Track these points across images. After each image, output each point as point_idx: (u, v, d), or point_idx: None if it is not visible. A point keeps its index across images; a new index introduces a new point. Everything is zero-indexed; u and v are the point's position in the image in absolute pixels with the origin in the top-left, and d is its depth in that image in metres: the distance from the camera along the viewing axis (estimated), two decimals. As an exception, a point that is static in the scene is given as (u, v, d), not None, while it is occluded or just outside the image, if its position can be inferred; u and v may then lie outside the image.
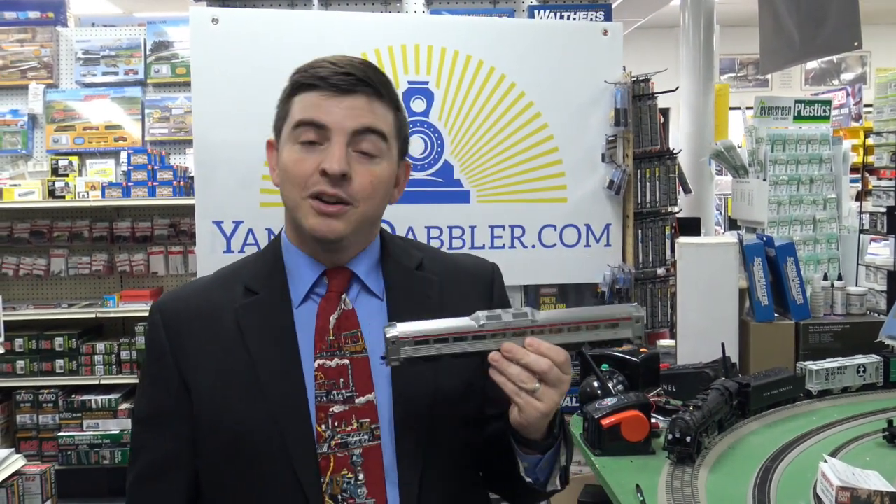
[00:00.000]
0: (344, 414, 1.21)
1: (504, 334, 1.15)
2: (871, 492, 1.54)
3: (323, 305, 1.25)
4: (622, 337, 1.21)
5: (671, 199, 2.86)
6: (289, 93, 1.26)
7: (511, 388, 1.13)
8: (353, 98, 1.21)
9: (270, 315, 1.25)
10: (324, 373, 1.22)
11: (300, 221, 1.21)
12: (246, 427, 1.19)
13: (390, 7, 2.96)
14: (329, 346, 1.23)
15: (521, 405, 1.13)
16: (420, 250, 1.38)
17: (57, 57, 4.67)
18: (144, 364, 1.30)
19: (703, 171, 6.15)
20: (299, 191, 1.20)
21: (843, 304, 2.75)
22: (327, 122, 1.20)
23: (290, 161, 1.21)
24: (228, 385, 1.21)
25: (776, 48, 3.96)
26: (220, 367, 1.22)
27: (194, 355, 1.24)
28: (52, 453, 4.38)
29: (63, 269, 4.58)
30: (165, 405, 1.25)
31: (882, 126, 3.22)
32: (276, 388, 1.21)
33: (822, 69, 11.01)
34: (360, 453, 1.20)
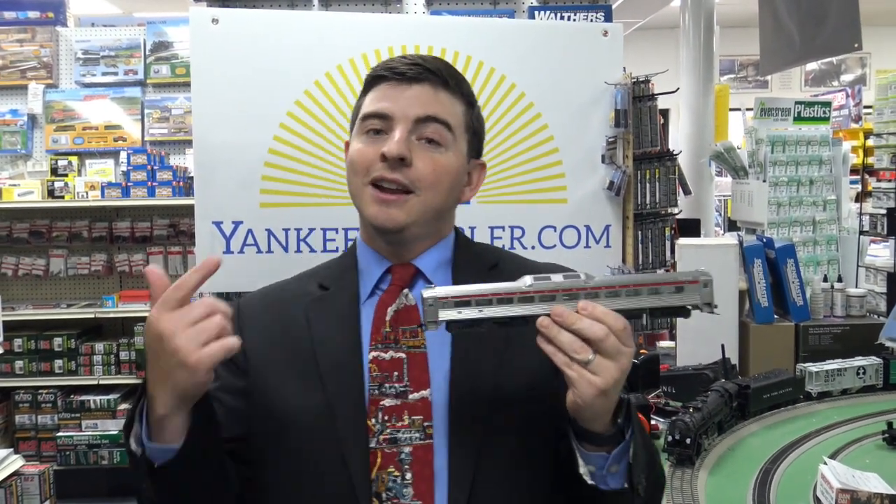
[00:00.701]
0: (395, 408, 1.16)
1: (554, 297, 1.02)
2: (871, 494, 1.54)
3: (383, 298, 1.23)
4: (689, 303, 1.06)
5: (671, 201, 2.86)
6: (363, 90, 1.27)
7: (561, 358, 1.00)
8: (419, 87, 1.21)
9: (337, 308, 1.24)
10: (377, 365, 1.18)
11: (362, 210, 1.21)
12: (300, 414, 1.17)
13: (390, 8, 2.95)
14: (384, 339, 1.19)
15: (574, 379, 0.99)
16: (499, 255, 1.34)
17: (56, 57, 4.66)
18: None
19: (703, 172, 6.15)
20: (360, 178, 1.20)
21: (843, 305, 2.75)
22: (391, 111, 1.20)
23: (355, 151, 1.22)
24: (287, 371, 1.20)
25: (776, 49, 3.96)
26: (283, 354, 1.22)
27: (259, 343, 1.23)
28: (50, 453, 4.38)
29: (62, 270, 4.57)
30: (227, 385, 1.22)
31: (882, 128, 3.22)
32: (333, 377, 1.18)
33: (821, 70, 11.01)
34: (410, 451, 1.14)
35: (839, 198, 3.41)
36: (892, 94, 3.15)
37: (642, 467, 1.08)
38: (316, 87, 2.68)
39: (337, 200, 2.70)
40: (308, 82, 2.68)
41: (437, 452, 1.15)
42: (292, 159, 2.67)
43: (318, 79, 2.68)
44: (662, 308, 1.05)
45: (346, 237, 2.69)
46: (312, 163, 2.68)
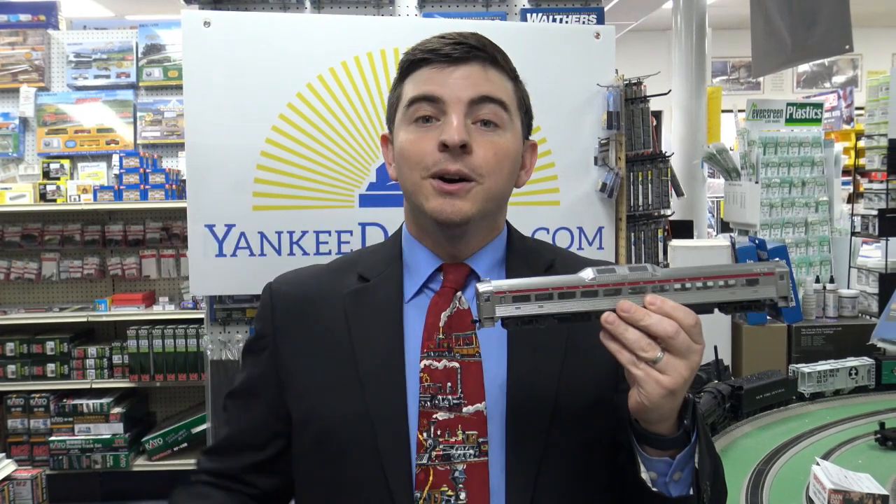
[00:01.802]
0: (449, 422, 1.08)
1: (619, 291, 0.95)
2: (864, 494, 1.55)
3: (435, 301, 1.14)
4: (764, 297, 0.97)
5: (663, 202, 2.87)
6: (399, 77, 1.17)
7: (627, 356, 0.93)
8: (468, 66, 1.12)
9: (379, 306, 1.15)
10: (430, 374, 1.10)
11: (421, 205, 1.11)
12: (337, 423, 1.10)
13: (383, 10, 2.95)
14: (438, 346, 1.11)
15: (640, 379, 0.92)
16: (553, 252, 1.26)
17: (48, 60, 4.65)
18: (248, 340, 1.26)
19: (696, 173, 6.17)
20: (419, 172, 1.10)
21: (835, 306, 2.76)
22: (442, 95, 1.10)
23: (406, 142, 1.11)
24: (325, 376, 1.13)
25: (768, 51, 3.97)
26: (320, 356, 1.15)
27: (297, 342, 1.17)
28: (43, 458, 4.36)
29: (55, 273, 4.55)
30: (256, 384, 1.20)
31: (873, 129, 3.23)
32: (374, 385, 1.10)
33: (813, 72, 11.05)
34: (464, 469, 1.07)
35: (831, 199, 3.42)
36: (883, 95, 3.16)
37: (708, 474, 1.00)
38: (308, 89, 2.68)
39: (330, 203, 2.70)
40: (300, 85, 2.68)
41: (493, 470, 1.08)
42: (285, 162, 2.67)
43: (311, 82, 2.68)
44: (736, 302, 0.98)
45: (339, 240, 2.69)
46: (305, 165, 2.68)
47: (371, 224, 2.71)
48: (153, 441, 4.39)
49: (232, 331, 2.80)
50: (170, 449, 4.39)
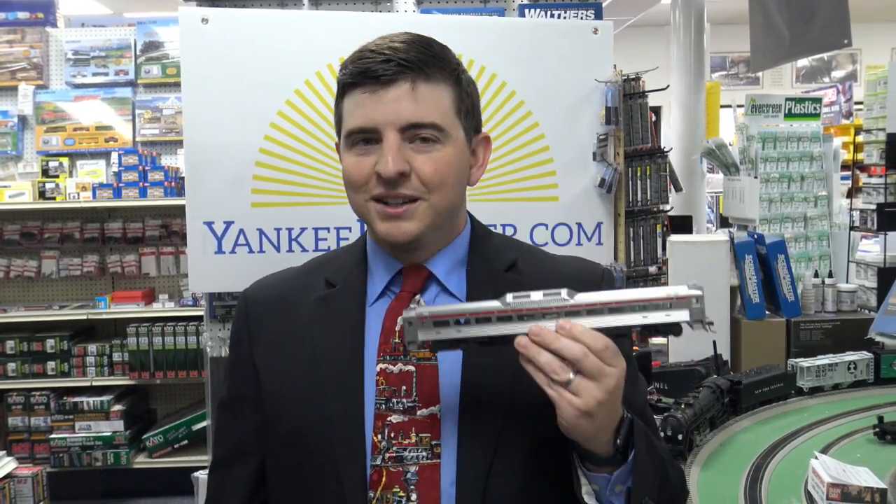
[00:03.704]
0: (403, 425, 1.11)
1: (533, 316, 0.99)
2: (862, 488, 1.55)
3: (393, 305, 1.16)
4: (678, 321, 0.98)
5: (662, 198, 2.86)
6: (339, 94, 1.17)
7: (542, 378, 0.97)
8: (397, 88, 1.09)
9: (341, 310, 1.18)
10: (385, 378, 1.13)
11: (370, 226, 1.16)
12: (302, 426, 1.15)
13: (381, 7, 2.95)
14: (394, 350, 1.13)
15: (555, 400, 0.97)
16: (518, 250, 1.25)
17: (47, 58, 4.65)
18: (229, 349, 1.30)
19: (695, 169, 6.16)
20: (362, 195, 1.13)
21: (834, 301, 2.76)
22: (375, 125, 1.10)
23: (349, 166, 1.14)
24: (293, 379, 1.17)
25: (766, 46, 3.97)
26: (289, 359, 1.19)
27: (268, 345, 1.21)
28: (43, 455, 4.37)
29: (54, 271, 4.56)
30: (242, 391, 1.23)
31: (872, 123, 3.23)
32: (334, 388, 1.14)
33: (812, 67, 11.04)
34: (416, 471, 1.09)
35: (830, 194, 3.43)
36: (882, 89, 3.16)
37: (649, 488, 1.03)
38: (306, 86, 2.68)
39: (328, 200, 2.70)
40: (299, 82, 2.67)
41: (444, 471, 1.10)
42: (283, 159, 2.66)
43: (309, 78, 2.68)
44: (650, 325, 1.00)
45: (338, 236, 2.69)
46: (304, 162, 2.68)
47: (370, 220, 2.71)
48: (154, 438, 4.40)
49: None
50: (170, 446, 4.40)
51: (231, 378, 1.27)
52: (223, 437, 1.28)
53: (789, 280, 2.74)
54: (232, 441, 1.25)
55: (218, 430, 1.29)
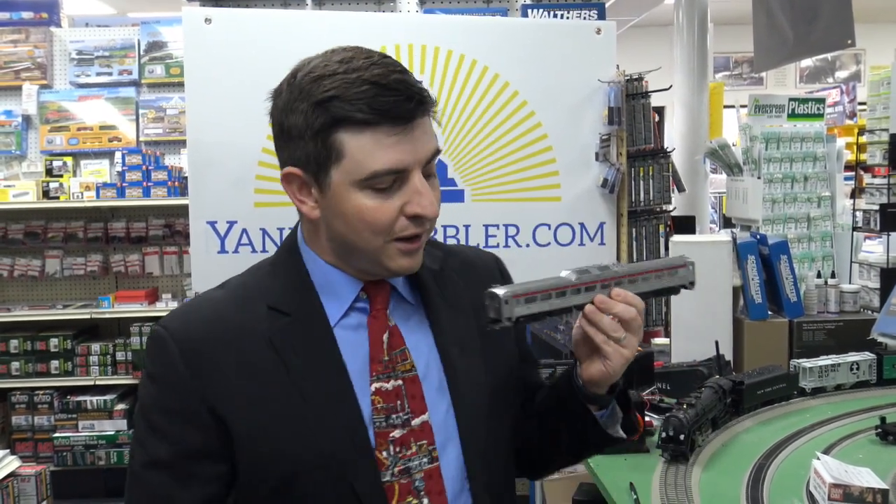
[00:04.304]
0: (403, 438, 1.14)
1: (594, 287, 1.17)
2: (864, 488, 1.55)
3: (372, 324, 1.16)
4: (684, 282, 1.27)
5: (665, 198, 2.87)
6: (326, 123, 1.06)
7: (602, 338, 1.14)
8: (419, 125, 1.08)
9: (310, 338, 1.13)
10: (382, 396, 1.13)
11: (382, 264, 1.11)
12: (299, 467, 1.09)
13: (384, 7, 2.96)
14: (385, 368, 1.14)
15: (609, 353, 1.14)
16: (437, 248, 1.29)
17: (51, 57, 4.66)
18: (149, 398, 1.13)
19: (698, 169, 6.16)
20: (382, 237, 1.09)
21: (837, 301, 2.75)
22: (405, 165, 1.07)
23: (367, 210, 1.07)
24: (272, 421, 1.09)
25: (770, 46, 3.96)
26: (259, 400, 1.10)
27: (224, 386, 1.09)
28: (47, 454, 4.38)
29: (58, 270, 4.57)
30: (193, 444, 1.09)
31: (875, 124, 3.22)
32: (330, 419, 1.10)
33: (816, 67, 11.03)
34: (422, 478, 1.14)
35: (833, 194, 3.42)
36: (885, 90, 3.16)
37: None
38: (310, 86, 2.69)
39: (331, 199, 2.70)
40: (302, 82, 2.68)
41: (446, 471, 1.16)
42: (286, 159, 2.67)
43: (312, 78, 2.69)
44: (665, 289, 1.25)
45: (341, 236, 2.70)
46: (307, 162, 2.69)
47: (373, 220, 2.72)
48: (157, 437, 4.40)
49: (234, 327, 2.81)
50: (173, 445, 4.40)
51: (172, 431, 1.10)
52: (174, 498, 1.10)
53: (792, 280, 2.73)
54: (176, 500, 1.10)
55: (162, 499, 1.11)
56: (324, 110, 1.06)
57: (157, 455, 1.10)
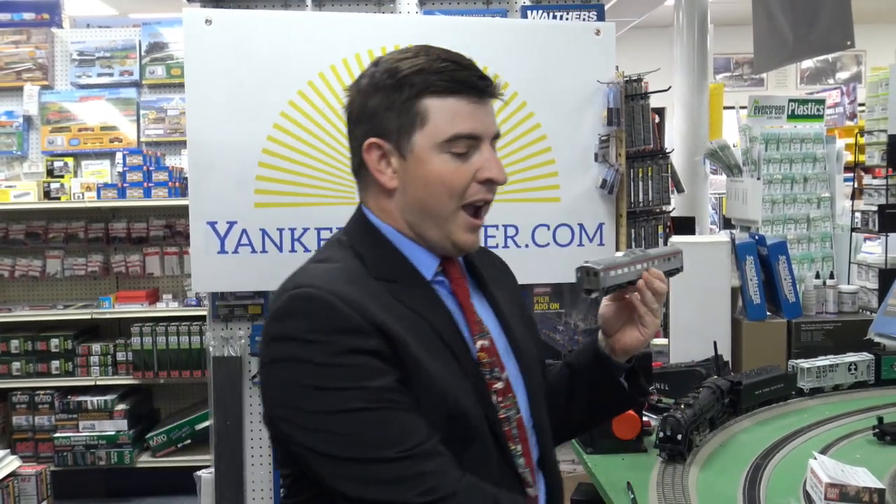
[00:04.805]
0: (501, 390, 1.27)
1: (645, 264, 1.40)
2: (860, 488, 1.55)
3: (459, 291, 1.30)
4: (680, 266, 1.52)
5: (664, 199, 2.87)
6: (414, 93, 1.21)
7: (643, 308, 1.36)
8: (488, 103, 1.26)
9: (423, 298, 1.25)
10: (486, 352, 1.27)
11: (448, 233, 1.25)
12: (462, 406, 1.20)
13: (384, 7, 2.96)
14: (479, 328, 1.29)
15: (648, 322, 1.38)
16: None
17: (52, 58, 4.67)
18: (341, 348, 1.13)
19: (698, 170, 6.16)
20: (456, 201, 1.23)
21: (835, 302, 2.76)
22: (482, 133, 1.23)
23: (447, 171, 1.22)
24: (438, 364, 1.20)
25: (770, 47, 3.97)
26: (422, 346, 1.19)
27: (392, 334, 1.15)
28: (48, 454, 4.38)
29: (59, 271, 4.58)
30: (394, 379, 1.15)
31: (873, 125, 3.23)
32: (469, 364, 1.25)
33: (817, 68, 11.03)
34: (515, 426, 1.28)
35: (833, 195, 3.42)
36: (884, 91, 3.16)
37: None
38: (310, 87, 2.70)
39: (331, 200, 2.71)
40: (302, 82, 2.69)
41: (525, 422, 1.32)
42: (286, 159, 2.68)
43: (312, 79, 2.69)
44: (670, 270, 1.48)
45: (341, 236, 2.70)
46: (307, 163, 2.69)
47: (372, 221, 2.72)
48: (157, 437, 4.41)
49: (234, 327, 2.82)
50: (174, 445, 4.41)
51: (380, 369, 1.14)
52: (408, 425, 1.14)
53: (790, 281, 2.74)
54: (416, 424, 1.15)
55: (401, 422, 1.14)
56: (409, 84, 1.21)
57: (379, 385, 1.13)
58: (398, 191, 1.24)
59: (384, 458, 1.11)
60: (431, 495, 1.11)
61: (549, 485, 1.35)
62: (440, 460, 1.14)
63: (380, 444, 1.12)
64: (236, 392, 2.82)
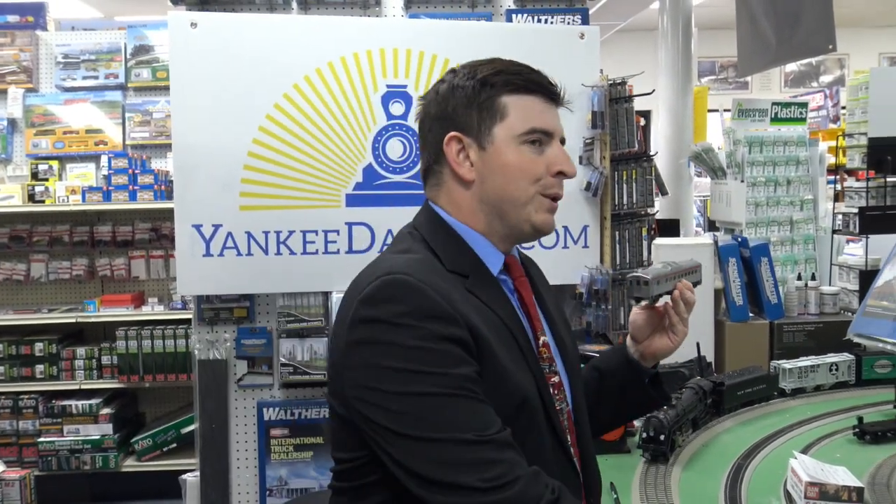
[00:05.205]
0: (557, 384, 1.36)
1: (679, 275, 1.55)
2: (839, 487, 1.57)
3: (522, 287, 1.38)
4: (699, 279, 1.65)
5: (648, 201, 2.89)
6: (494, 91, 1.33)
7: (675, 318, 1.50)
8: (556, 106, 1.37)
9: (494, 291, 1.33)
10: (546, 348, 1.37)
11: (527, 216, 1.33)
12: (526, 392, 1.27)
13: (369, 11, 2.97)
14: (540, 325, 1.38)
15: (679, 330, 1.51)
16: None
17: (37, 61, 4.64)
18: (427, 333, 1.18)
19: (682, 172, 6.20)
20: (534, 187, 1.32)
21: (817, 303, 2.79)
22: (554, 131, 1.35)
23: (526, 161, 1.32)
24: (509, 352, 1.28)
25: (753, 51, 4.00)
26: (494, 337, 1.26)
27: (478, 325, 1.23)
28: (32, 459, 4.35)
29: (43, 274, 4.55)
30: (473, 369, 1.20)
31: (854, 128, 3.26)
32: (532, 357, 1.32)
33: (801, 72, 11.11)
34: (566, 417, 1.36)
35: (816, 197, 3.46)
36: (864, 94, 3.19)
37: None
38: (295, 90, 2.70)
39: (317, 203, 2.71)
40: (287, 85, 2.69)
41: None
42: (272, 162, 2.68)
43: (298, 82, 2.70)
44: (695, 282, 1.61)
45: (326, 239, 2.71)
46: (292, 166, 2.70)
47: (358, 224, 2.73)
48: (142, 441, 4.39)
49: (219, 330, 2.82)
50: (159, 449, 4.40)
51: (462, 358, 1.19)
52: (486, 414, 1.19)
53: (772, 283, 2.76)
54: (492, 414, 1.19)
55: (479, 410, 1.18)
56: (490, 83, 1.32)
57: (462, 373, 1.18)
58: (476, 182, 1.33)
59: (462, 440, 1.15)
60: (497, 481, 1.14)
61: (587, 476, 1.40)
62: (511, 452, 1.18)
63: (459, 428, 1.16)
64: (222, 395, 2.82)
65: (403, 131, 2.77)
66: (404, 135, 2.77)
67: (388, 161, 2.76)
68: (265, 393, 2.85)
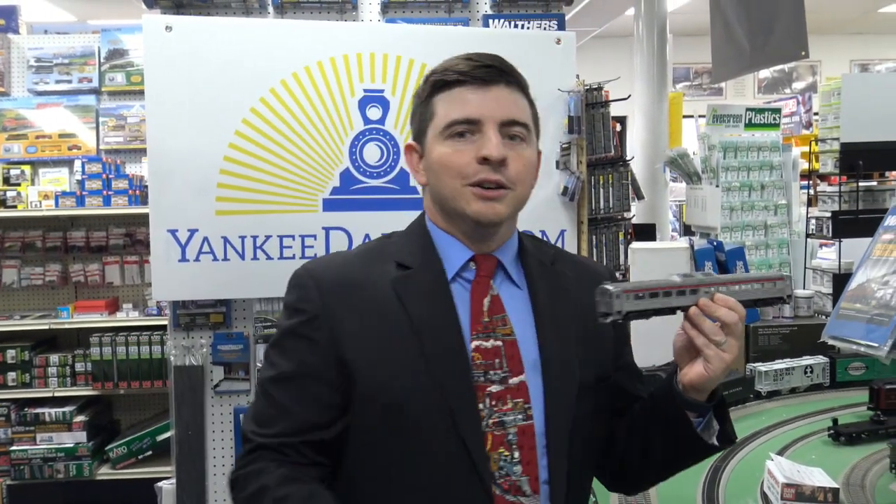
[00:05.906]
0: (500, 393, 1.25)
1: (698, 291, 1.23)
2: (815, 488, 1.59)
3: (475, 288, 1.31)
4: (781, 294, 1.32)
5: (624, 206, 2.91)
6: (428, 93, 1.32)
7: (702, 340, 1.20)
8: (497, 89, 1.28)
9: (429, 289, 1.29)
10: (482, 353, 1.27)
11: (462, 209, 1.28)
12: (410, 398, 1.23)
13: (346, 16, 2.96)
14: (485, 328, 1.28)
15: (710, 356, 1.20)
16: (551, 247, 1.46)
17: (8, 65, 4.59)
18: (285, 325, 1.31)
19: (658, 177, 6.24)
20: (459, 180, 1.27)
21: (791, 306, 2.82)
22: (479, 117, 1.26)
23: (446, 155, 1.28)
24: (390, 354, 1.24)
25: (727, 57, 4.04)
26: (380, 336, 1.25)
27: (350, 323, 1.26)
28: (4, 468, 4.29)
29: (15, 280, 4.49)
30: (312, 366, 1.26)
31: (826, 133, 3.30)
32: (442, 362, 1.24)
33: (774, 78, 11.24)
34: (516, 432, 1.25)
35: (790, 202, 3.50)
36: (836, 100, 3.24)
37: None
38: (272, 94, 2.68)
39: (293, 207, 2.70)
40: (264, 90, 2.68)
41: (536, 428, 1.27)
42: (248, 167, 2.66)
43: (274, 87, 2.68)
44: (763, 299, 1.30)
45: (303, 244, 2.69)
46: (268, 170, 2.68)
47: (335, 228, 2.72)
48: (117, 449, 4.34)
49: (195, 336, 2.79)
50: (134, 457, 4.35)
51: (296, 352, 1.28)
52: (287, 416, 1.27)
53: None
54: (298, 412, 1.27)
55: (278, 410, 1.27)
56: (427, 87, 1.32)
57: (281, 370, 1.28)
58: (428, 186, 1.34)
59: (247, 431, 1.29)
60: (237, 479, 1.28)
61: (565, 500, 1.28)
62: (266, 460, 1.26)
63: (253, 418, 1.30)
64: (198, 401, 2.79)
65: (381, 136, 2.76)
66: (381, 139, 2.76)
67: (366, 165, 2.75)
68: (242, 399, 2.82)
